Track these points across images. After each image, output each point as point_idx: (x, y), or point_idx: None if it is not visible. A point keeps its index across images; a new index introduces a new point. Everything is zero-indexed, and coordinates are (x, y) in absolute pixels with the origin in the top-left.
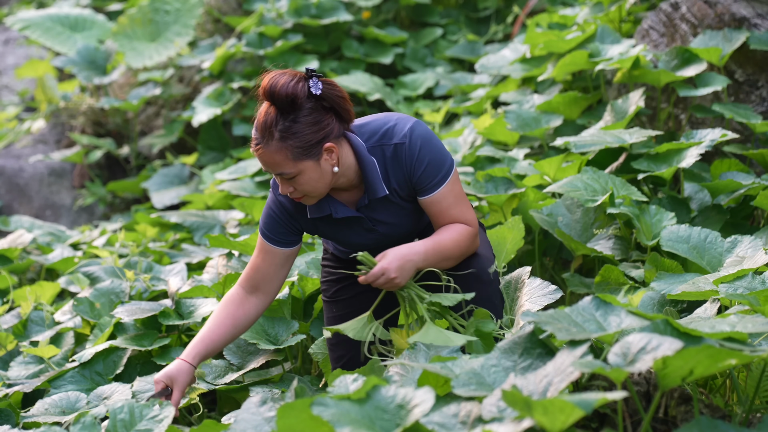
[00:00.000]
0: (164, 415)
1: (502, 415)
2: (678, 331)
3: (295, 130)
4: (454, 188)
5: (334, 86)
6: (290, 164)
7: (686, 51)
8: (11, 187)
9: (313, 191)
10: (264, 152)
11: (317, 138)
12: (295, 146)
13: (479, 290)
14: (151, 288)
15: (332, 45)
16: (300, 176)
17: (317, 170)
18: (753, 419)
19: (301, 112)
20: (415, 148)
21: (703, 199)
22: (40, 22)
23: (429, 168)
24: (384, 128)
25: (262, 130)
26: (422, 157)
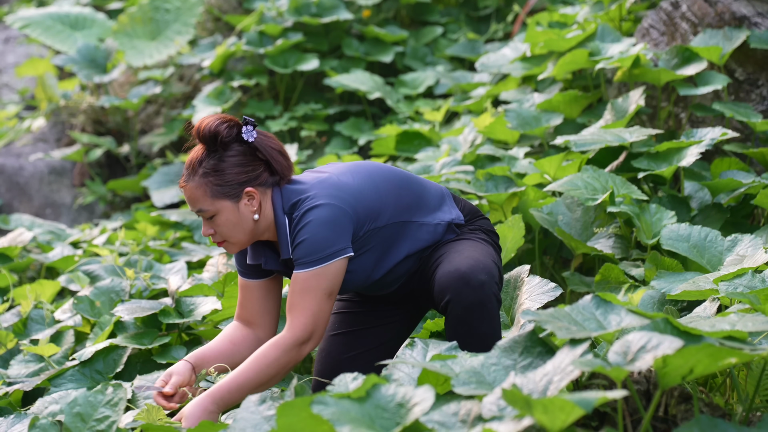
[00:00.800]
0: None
1: (502, 414)
2: (678, 330)
3: (218, 168)
4: (310, 279)
5: (271, 138)
6: (208, 201)
7: (686, 50)
8: (11, 186)
9: (231, 236)
10: (186, 187)
11: (238, 180)
12: (215, 183)
13: (468, 295)
14: (152, 286)
15: (332, 44)
16: (218, 216)
17: (235, 213)
18: (753, 418)
19: (228, 152)
20: (300, 224)
21: (704, 198)
22: (41, 20)
23: (301, 246)
24: (297, 197)
25: (188, 166)
26: (300, 235)
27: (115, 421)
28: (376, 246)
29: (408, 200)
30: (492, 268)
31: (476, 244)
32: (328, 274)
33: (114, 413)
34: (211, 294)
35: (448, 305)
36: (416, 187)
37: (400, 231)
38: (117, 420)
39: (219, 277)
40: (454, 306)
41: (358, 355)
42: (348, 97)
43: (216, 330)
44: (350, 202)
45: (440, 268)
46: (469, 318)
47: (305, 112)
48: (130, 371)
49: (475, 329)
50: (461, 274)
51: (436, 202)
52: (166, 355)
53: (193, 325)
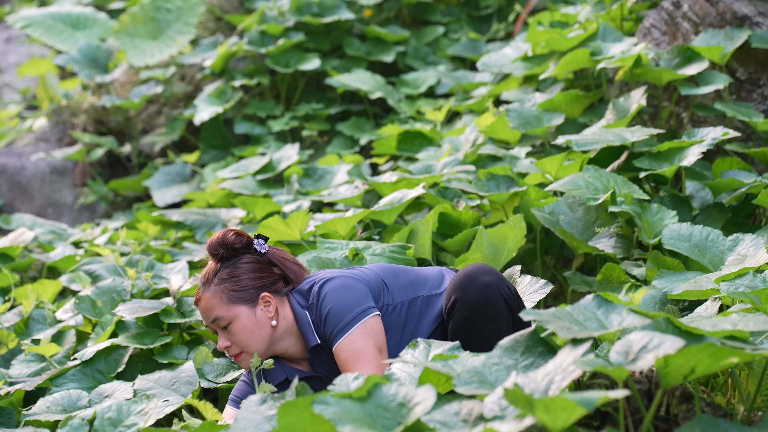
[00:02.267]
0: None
1: (504, 414)
2: (679, 330)
3: (233, 275)
4: (356, 341)
5: (282, 251)
6: (224, 308)
7: (688, 49)
8: (13, 186)
9: (248, 344)
10: (203, 298)
11: (254, 285)
12: (230, 289)
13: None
14: (153, 286)
15: (334, 43)
16: (234, 324)
17: (252, 319)
18: (755, 417)
19: (241, 260)
20: (319, 300)
21: (705, 198)
22: (42, 20)
23: (329, 317)
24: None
25: (203, 279)
26: (323, 307)
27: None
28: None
29: (408, 279)
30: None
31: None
32: (368, 330)
33: (142, 421)
34: None
35: (454, 305)
36: (411, 270)
37: (414, 310)
38: (141, 425)
39: None
40: (460, 306)
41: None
42: (349, 96)
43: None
44: (362, 277)
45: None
46: (474, 318)
47: (307, 112)
48: (131, 371)
49: (479, 330)
50: (468, 273)
51: (437, 277)
52: (168, 354)
53: (195, 324)
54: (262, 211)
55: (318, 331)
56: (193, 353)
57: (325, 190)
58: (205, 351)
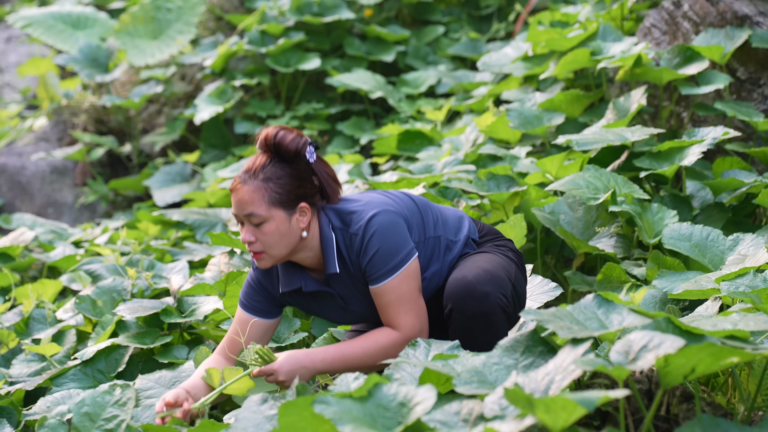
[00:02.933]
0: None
1: (504, 413)
2: (680, 329)
3: (279, 176)
4: (401, 286)
5: (326, 164)
6: (263, 206)
7: (688, 49)
8: (13, 185)
9: (273, 247)
10: (242, 188)
11: (296, 193)
12: (274, 190)
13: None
14: (153, 286)
15: (334, 43)
16: (267, 224)
17: (285, 224)
18: (755, 417)
19: (291, 166)
20: (365, 237)
21: (705, 197)
22: (42, 19)
23: (376, 258)
24: (350, 214)
25: (248, 169)
26: (371, 247)
27: (124, 420)
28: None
29: (433, 218)
30: (502, 280)
31: (494, 258)
32: (410, 274)
33: (123, 412)
34: (212, 293)
35: (451, 313)
36: (435, 208)
37: (434, 247)
38: (126, 419)
39: (221, 276)
40: (457, 315)
41: None
42: (350, 96)
43: (218, 330)
44: (400, 210)
45: (452, 275)
46: (471, 328)
47: (307, 112)
48: (131, 370)
49: (477, 339)
50: (467, 283)
51: (456, 223)
52: (168, 354)
53: (195, 324)
54: None
55: (344, 260)
56: (194, 353)
57: None
58: (205, 351)
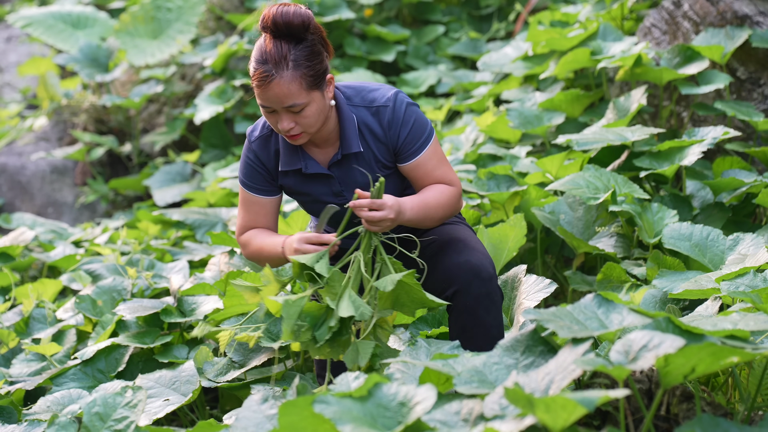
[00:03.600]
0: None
1: (504, 413)
2: (680, 329)
3: (305, 57)
4: (436, 150)
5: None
6: (303, 94)
7: (688, 49)
8: (13, 185)
9: (313, 125)
10: (277, 83)
11: (323, 67)
12: (309, 74)
13: (477, 286)
14: (153, 285)
15: (334, 42)
16: (308, 108)
17: (322, 102)
18: (755, 417)
19: (307, 41)
20: (400, 110)
21: (705, 197)
22: (43, 19)
23: (413, 130)
24: (366, 91)
25: (274, 60)
26: (407, 119)
27: (134, 422)
28: None
29: None
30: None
31: (472, 234)
32: (437, 141)
33: (133, 414)
34: (212, 293)
35: (455, 295)
36: None
37: None
38: (136, 420)
39: (221, 276)
40: (463, 296)
41: None
42: None
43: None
44: None
45: (444, 255)
46: (476, 308)
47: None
48: (131, 370)
49: (480, 319)
50: (472, 266)
51: None
52: (168, 354)
53: (195, 324)
54: None
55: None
56: (194, 352)
57: None
58: (205, 350)
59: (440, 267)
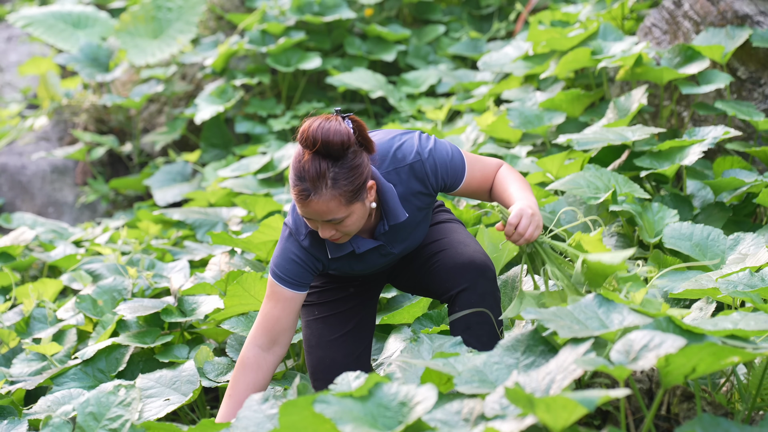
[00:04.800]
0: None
1: (505, 413)
2: (680, 329)
3: (345, 175)
4: (471, 162)
5: (358, 121)
6: (343, 209)
7: (689, 48)
8: (14, 185)
9: (355, 230)
10: (316, 202)
11: (363, 179)
12: (348, 191)
13: (483, 285)
14: (154, 285)
15: (335, 42)
16: (348, 218)
17: (363, 210)
18: (755, 417)
19: (346, 156)
20: (432, 160)
21: (706, 197)
22: (43, 19)
23: (451, 167)
24: (393, 151)
25: (312, 179)
26: (442, 163)
27: (129, 420)
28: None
29: None
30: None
31: (468, 233)
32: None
33: (127, 412)
34: (213, 293)
35: (460, 294)
36: None
37: None
38: (131, 419)
39: (221, 275)
40: (468, 295)
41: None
42: (350, 95)
43: (219, 329)
44: None
45: (445, 256)
46: (481, 306)
47: (308, 111)
48: (132, 370)
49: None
50: (477, 265)
51: None
52: (169, 353)
53: (196, 323)
54: (263, 210)
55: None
56: (194, 352)
57: None
58: (206, 350)
59: (444, 267)
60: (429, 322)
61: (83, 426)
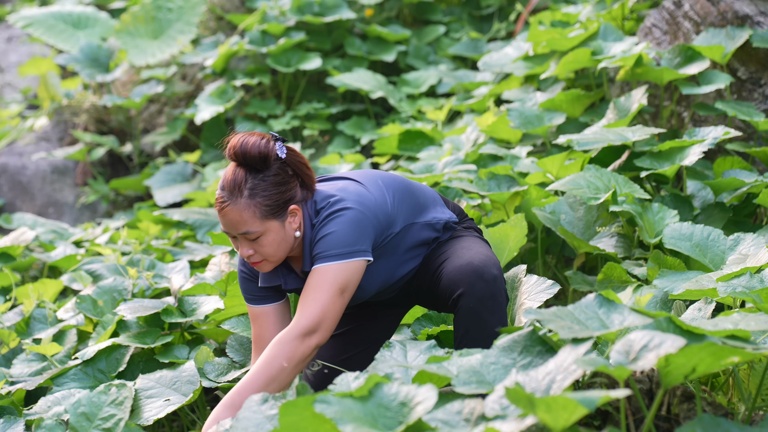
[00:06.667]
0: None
1: (505, 413)
2: (681, 329)
3: (264, 188)
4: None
5: (296, 153)
6: (257, 222)
7: (689, 49)
8: (14, 185)
9: (273, 255)
10: (231, 209)
11: (284, 198)
12: (264, 204)
13: (481, 288)
14: (154, 285)
15: (335, 43)
16: (264, 237)
17: (281, 232)
18: (756, 417)
19: (269, 171)
20: (327, 220)
21: (706, 197)
22: (43, 19)
23: (325, 239)
24: (324, 202)
25: (230, 187)
26: (326, 228)
27: (122, 419)
28: (389, 251)
29: (412, 203)
30: (499, 264)
31: (478, 241)
32: (347, 271)
33: (120, 411)
34: (213, 293)
35: (460, 298)
36: (416, 191)
37: (407, 233)
38: (124, 418)
39: (221, 276)
40: (467, 298)
41: (353, 356)
42: (350, 96)
43: (219, 329)
44: (374, 211)
45: (448, 263)
46: (481, 310)
47: (308, 111)
48: (132, 370)
49: (485, 321)
50: (474, 267)
51: (431, 203)
52: (169, 354)
53: (196, 324)
54: None
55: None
56: (194, 352)
57: None
58: (206, 350)
59: (445, 273)
60: (429, 322)
61: (76, 426)
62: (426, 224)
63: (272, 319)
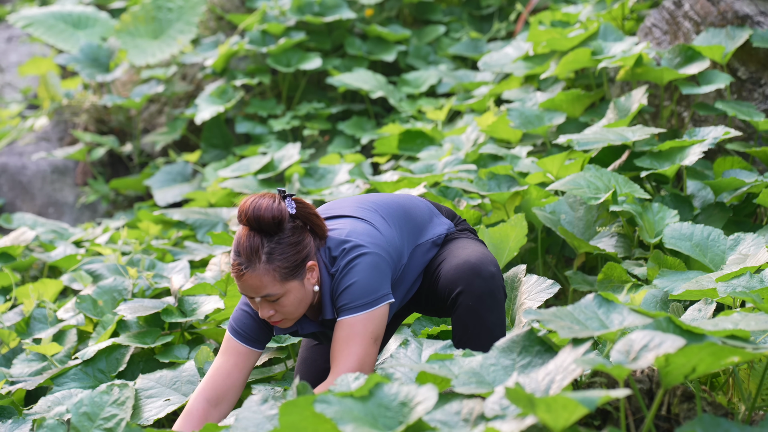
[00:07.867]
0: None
1: (505, 413)
2: (680, 329)
3: (281, 251)
4: (359, 325)
5: (305, 204)
6: (278, 285)
7: (689, 49)
8: (14, 185)
9: (293, 313)
10: (250, 276)
11: (301, 257)
12: (283, 267)
13: (479, 285)
14: (154, 285)
15: (335, 43)
16: (285, 298)
17: (301, 290)
18: (756, 417)
19: (284, 233)
20: (345, 270)
21: (706, 197)
22: (43, 19)
23: (350, 289)
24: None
25: (247, 253)
26: (347, 279)
27: (124, 419)
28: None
29: (413, 227)
30: (496, 262)
31: (473, 241)
32: (376, 318)
33: (122, 411)
34: (213, 293)
35: (459, 296)
36: (414, 212)
37: (413, 257)
38: (125, 417)
39: (221, 276)
40: (465, 296)
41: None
42: (351, 96)
43: (219, 329)
44: (387, 249)
45: (445, 264)
46: (479, 307)
47: (308, 111)
48: (132, 370)
49: (484, 319)
50: (472, 265)
51: (427, 219)
52: (169, 354)
53: (196, 324)
54: None
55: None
56: (195, 352)
57: (327, 189)
58: (206, 350)
59: (443, 273)
60: (429, 322)
61: (78, 426)
62: (428, 243)
63: (245, 361)
